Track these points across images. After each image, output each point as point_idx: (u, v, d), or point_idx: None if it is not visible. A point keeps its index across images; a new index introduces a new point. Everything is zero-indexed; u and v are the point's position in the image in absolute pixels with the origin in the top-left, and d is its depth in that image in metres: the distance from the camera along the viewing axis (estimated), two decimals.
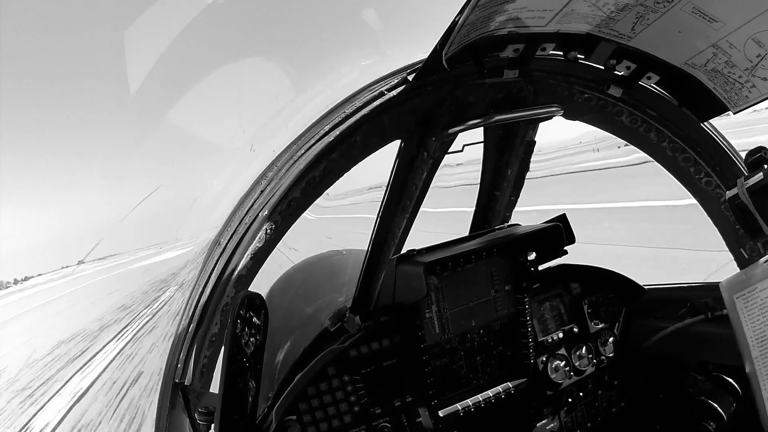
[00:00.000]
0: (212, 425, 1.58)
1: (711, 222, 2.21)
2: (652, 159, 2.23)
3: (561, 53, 1.90)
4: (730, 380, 2.06)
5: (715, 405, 2.00)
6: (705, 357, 2.13)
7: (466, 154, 2.06)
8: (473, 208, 2.50)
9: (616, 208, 11.97)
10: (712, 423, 2.02)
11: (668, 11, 1.54)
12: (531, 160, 2.26)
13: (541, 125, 2.13)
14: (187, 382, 1.84)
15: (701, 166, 2.12)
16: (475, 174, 2.41)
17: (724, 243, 2.19)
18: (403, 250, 2.07)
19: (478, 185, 2.41)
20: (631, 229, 9.80)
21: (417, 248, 2.04)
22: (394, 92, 1.81)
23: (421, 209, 2.07)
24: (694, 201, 2.23)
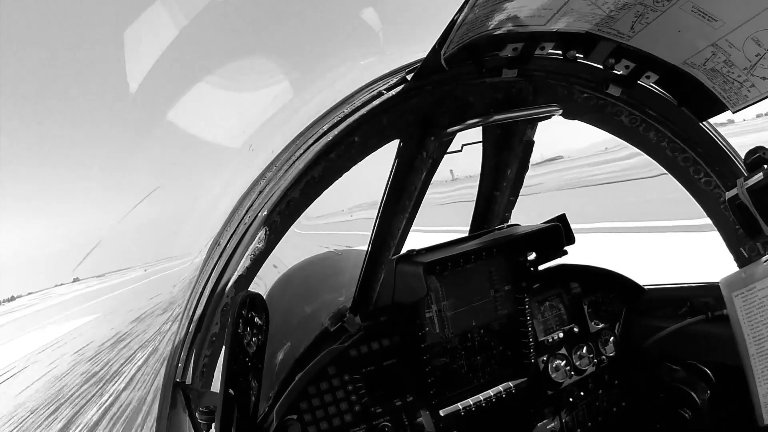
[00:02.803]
0: (213, 424, 1.58)
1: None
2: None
3: (560, 52, 1.89)
4: (704, 368, 2.09)
5: (690, 392, 2.04)
6: (705, 356, 2.13)
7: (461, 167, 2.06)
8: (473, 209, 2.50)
9: None
10: (687, 410, 2.05)
11: (667, 10, 1.54)
12: (530, 160, 2.26)
13: (565, 127, 2.11)
14: (187, 381, 1.84)
15: (701, 165, 2.12)
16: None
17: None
18: (403, 251, 2.08)
19: (477, 185, 2.40)
20: None
21: (417, 248, 2.04)
22: (393, 92, 1.81)
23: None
24: None
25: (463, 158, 2.33)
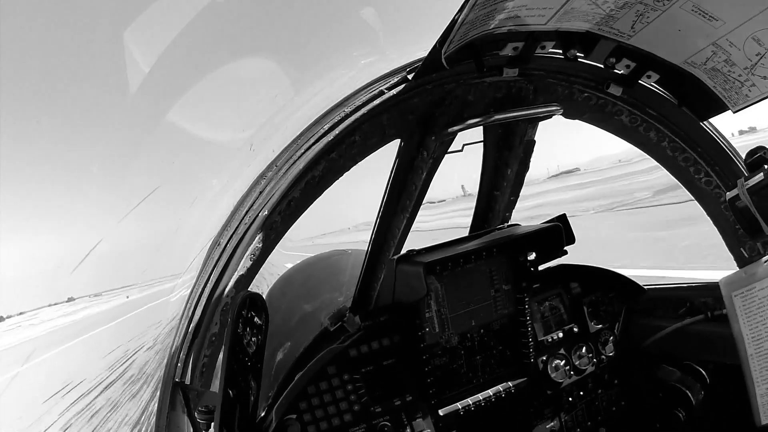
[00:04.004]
0: (212, 424, 1.58)
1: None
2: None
3: (560, 52, 1.89)
4: (699, 368, 2.10)
5: (686, 391, 2.06)
6: (705, 356, 2.13)
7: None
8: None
9: None
10: (682, 410, 2.07)
11: (668, 9, 1.54)
12: (531, 159, 2.26)
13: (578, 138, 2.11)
14: (186, 381, 1.84)
15: (701, 165, 2.12)
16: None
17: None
18: (403, 250, 2.08)
19: (478, 185, 2.40)
20: None
21: (417, 248, 2.04)
22: (393, 91, 1.81)
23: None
24: None
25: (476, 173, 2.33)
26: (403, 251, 2.06)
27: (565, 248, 2.13)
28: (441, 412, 1.98)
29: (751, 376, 1.82)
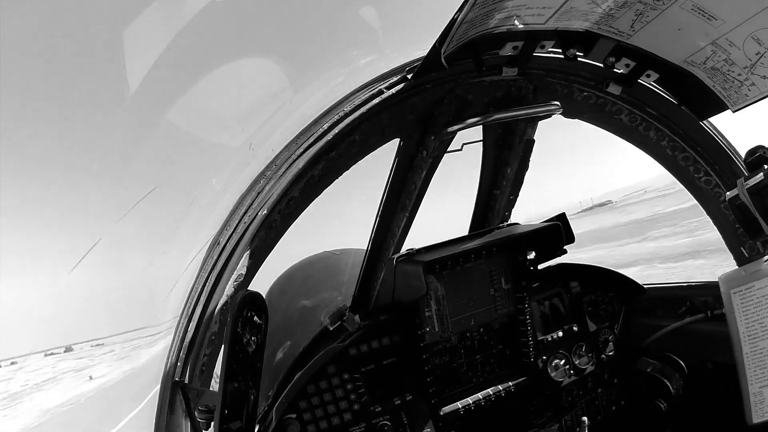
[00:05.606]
0: (212, 423, 1.58)
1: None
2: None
3: (560, 51, 1.89)
4: (676, 358, 2.15)
5: (665, 381, 2.10)
6: (704, 355, 2.13)
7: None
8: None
9: None
10: (663, 401, 2.10)
11: (667, 9, 1.54)
12: (530, 158, 2.26)
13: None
14: (186, 380, 1.84)
15: (700, 165, 2.12)
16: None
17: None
18: (403, 249, 2.08)
19: (478, 184, 2.41)
20: None
21: (416, 247, 2.05)
22: (393, 90, 1.81)
23: None
24: None
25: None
26: (403, 250, 2.06)
27: (565, 247, 2.13)
28: (441, 411, 1.98)
29: (745, 374, 1.83)
